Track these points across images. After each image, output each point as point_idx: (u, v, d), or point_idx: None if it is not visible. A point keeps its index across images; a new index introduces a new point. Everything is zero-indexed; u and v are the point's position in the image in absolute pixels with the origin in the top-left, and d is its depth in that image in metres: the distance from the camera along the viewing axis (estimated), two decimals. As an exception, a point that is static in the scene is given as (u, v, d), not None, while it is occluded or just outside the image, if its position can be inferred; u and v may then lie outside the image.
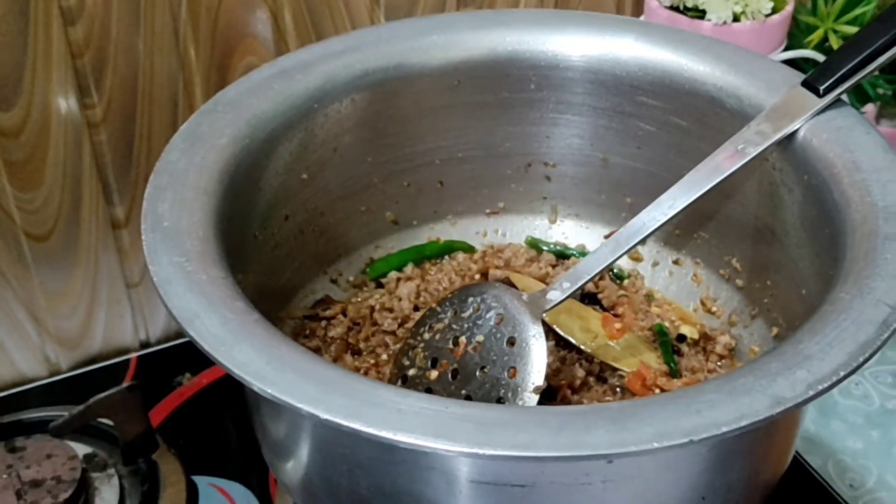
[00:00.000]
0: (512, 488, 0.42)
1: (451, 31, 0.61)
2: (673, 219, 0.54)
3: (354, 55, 0.59)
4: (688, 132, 0.59)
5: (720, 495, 0.46)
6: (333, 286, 0.63)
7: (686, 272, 0.64)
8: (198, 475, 0.65)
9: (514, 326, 0.53)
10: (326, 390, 0.40)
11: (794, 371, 0.40)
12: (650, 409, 0.39)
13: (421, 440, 0.37)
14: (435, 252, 0.66)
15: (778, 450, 0.49)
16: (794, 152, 0.54)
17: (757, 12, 0.76)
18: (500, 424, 0.39)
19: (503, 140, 0.64)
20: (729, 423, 0.38)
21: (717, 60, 0.58)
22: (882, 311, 0.42)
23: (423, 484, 0.43)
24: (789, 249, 0.55)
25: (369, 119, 0.60)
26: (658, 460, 0.43)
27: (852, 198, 0.48)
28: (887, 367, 0.84)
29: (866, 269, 0.44)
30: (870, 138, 0.51)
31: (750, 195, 0.57)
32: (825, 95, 0.53)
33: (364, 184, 0.62)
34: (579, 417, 0.39)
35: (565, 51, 0.61)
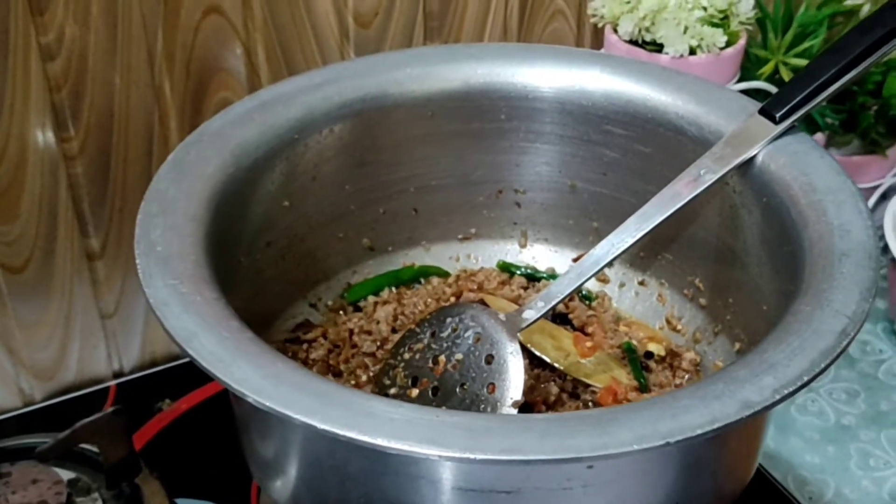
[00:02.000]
0: (497, 494, 0.45)
1: (426, 64, 0.64)
2: (638, 241, 0.57)
3: (333, 87, 0.61)
4: (651, 159, 0.62)
5: (693, 501, 0.49)
6: (313, 310, 0.65)
7: (651, 292, 0.67)
8: (180, 498, 0.66)
9: (492, 344, 0.56)
10: (322, 402, 0.42)
11: (761, 377, 0.42)
12: (629, 415, 0.42)
13: (415, 447, 0.40)
14: (410, 277, 0.68)
15: (745, 458, 0.52)
16: (752, 176, 0.57)
17: (711, 45, 0.80)
18: (488, 431, 0.41)
19: (475, 168, 0.66)
20: (703, 426, 0.40)
21: (679, 90, 0.61)
22: (840, 321, 0.45)
23: (411, 493, 0.45)
24: (750, 268, 0.58)
25: (347, 148, 0.62)
26: (635, 465, 0.45)
27: (809, 217, 0.52)
28: (841, 385, 0.88)
29: (824, 283, 0.47)
30: (824, 162, 0.55)
31: (711, 218, 0.61)
32: (781, 122, 0.57)
33: (342, 211, 0.64)
34: (563, 423, 0.41)
35: (534, 82, 0.64)
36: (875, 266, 0.48)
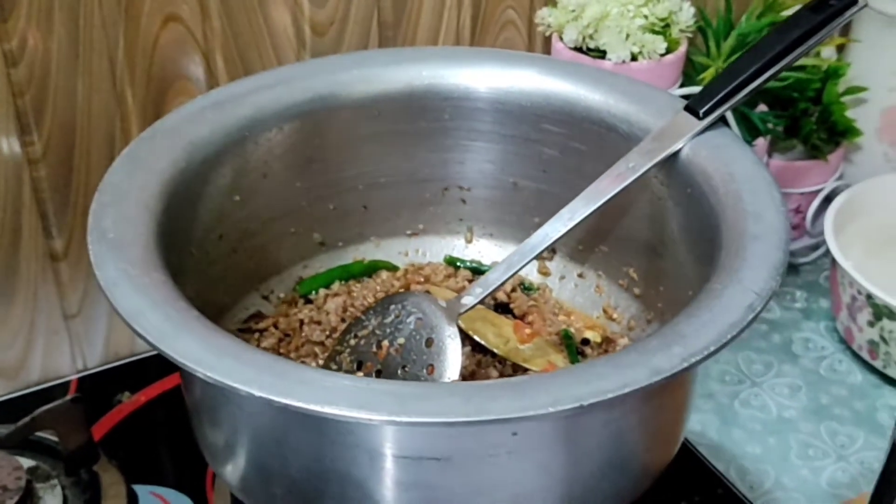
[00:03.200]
0: (429, 462, 0.47)
1: (372, 66, 0.67)
2: (573, 230, 0.60)
3: (282, 88, 0.64)
4: (587, 155, 0.65)
5: (615, 471, 0.51)
6: (265, 302, 0.68)
7: (589, 284, 0.70)
8: (138, 484, 0.68)
9: (432, 329, 0.58)
10: (260, 372, 0.44)
11: (671, 347, 0.45)
12: (547, 382, 0.45)
13: (345, 411, 0.42)
14: (360, 271, 0.71)
15: (666, 433, 0.55)
16: (678, 169, 0.60)
17: (652, 52, 0.83)
18: (416, 396, 0.44)
19: (421, 166, 0.70)
20: (614, 390, 0.43)
21: (611, 90, 0.64)
22: (748, 297, 0.48)
23: (348, 462, 0.48)
24: (677, 257, 0.61)
25: (297, 147, 0.65)
26: (558, 434, 0.48)
27: (727, 204, 0.55)
28: (784, 380, 0.91)
29: (736, 263, 0.51)
30: (743, 154, 0.58)
31: (642, 210, 0.64)
32: (705, 118, 0.60)
33: (292, 207, 0.67)
34: (486, 389, 0.44)
35: (475, 84, 0.67)
36: (784, 248, 0.51)
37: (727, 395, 0.89)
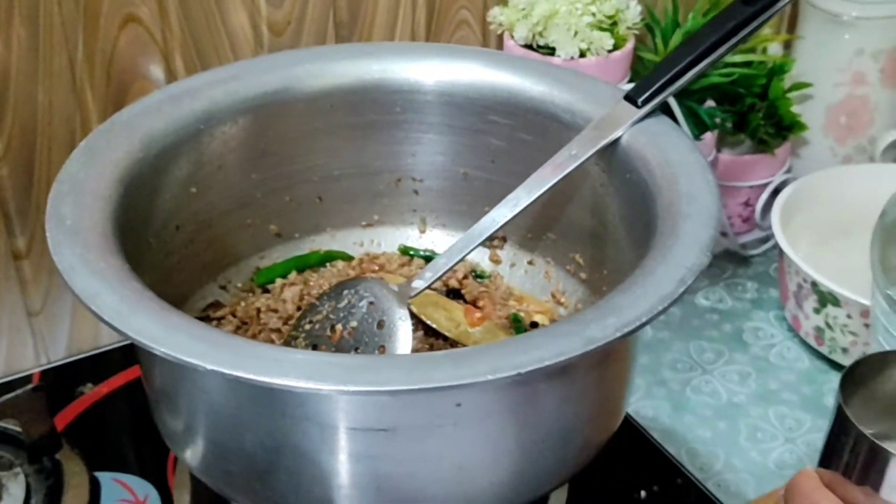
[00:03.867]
0: (376, 433, 0.49)
1: (324, 61, 0.69)
2: (522, 220, 0.63)
3: (237, 82, 0.66)
4: (532, 145, 0.67)
5: (559, 442, 0.54)
6: (223, 292, 0.70)
7: (539, 270, 0.72)
8: (100, 471, 0.70)
9: (384, 311, 0.61)
10: (213, 347, 0.46)
11: (606, 319, 0.48)
12: (487, 352, 0.47)
13: (294, 381, 0.44)
14: (316, 261, 0.73)
15: (607, 405, 0.57)
16: (617, 156, 0.63)
17: (600, 49, 0.86)
18: (362, 368, 0.46)
19: (374, 158, 0.72)
20: (550, 359, 0.45)
21: (555, 82, 0.67)
22: (680, 271, 0.51)
23: (299, 435, 0.50)
24: (618, 241, 0.63)
25: (251, 140, 0.67)
26: (501, 405, 0.51)
27: (662, 187, 0.57)
28: (734, 367, 0.94)
29: (669, 241, 0.53)
30: (680, 140, 0.61)
31: (586, 198, 0.66)
32: (643, 107, 0.63)
33: (249, 199, 0.69)
34: (429, 360, 0.46)
35: (424, 77, 0.69)
36: (715, 225, 0.54)
37: (679, 382, 0.91)
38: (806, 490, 0.49)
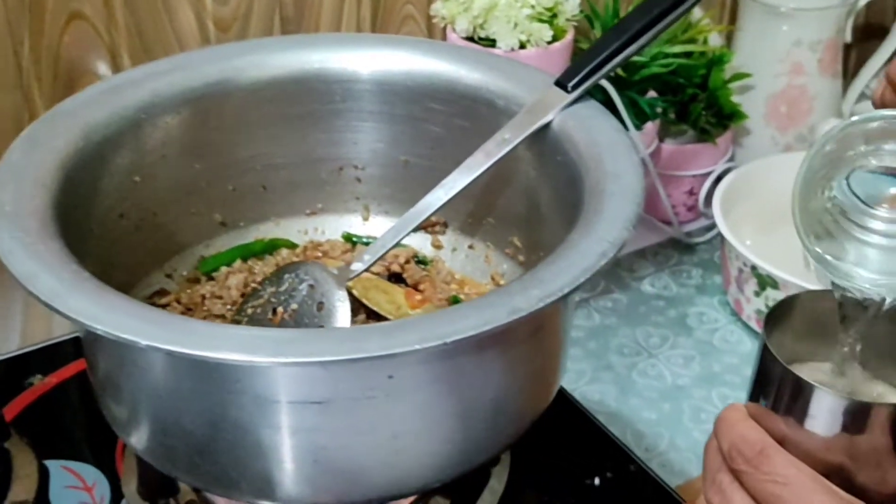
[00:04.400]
0: (311, 406, 0.51)
1: (265, 52, 0.70)
2: (462, 205, 0.64)
3: (179, 73, 0.68)
4: (470, 131, 0.69)
5: (491, 413, 0.55)
6: (168, 280, 0.71)
7: (479, 254, 0.74)
8: (49, 459, 0.71)
9: (323, 293, 0.62)
10: (149, 324, 0.48)
11: (530, 290, 0.50)
12: (415, 324, 0.48)
13: (226, 354, 0.46)
14: (261, 249, 0.74)
15: (539, 378, 0.59)
16: (549, 139, 0.65)
17: (539, 40, 0.88)
18: (293, 340, 0.47)
19: (316, 147, 0.73)
20: (475, 328, 0.47)
21: (490, 69, 0.69)
22: (602, 245, 0.53)
23: (237, 409, 0.51)
24: (552, 222, 0.65)
25: (194, 130, 0.69)
26: (431, 375, 0.52)
27: (590, 167, 0.59)
28: (679, 351, 0.96)
29: (594, 217, 0.55)
30: (607, 123, 0.63)
31: (521, 182, 0.68)
32: (573, 91, 0.65)
33: (192, 188, 0.70)
34: (358, 332, 0.48)
35: (362, 67, 0.71)
36: (639, 202, 0.56)
37: (625, 366, 0.93)
38: (732, 421, 0.51)
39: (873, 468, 0.49)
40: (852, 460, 0.49)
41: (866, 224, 0.48)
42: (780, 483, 0.48)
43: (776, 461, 0.49)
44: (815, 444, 0.49)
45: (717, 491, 0.51)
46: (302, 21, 0.94)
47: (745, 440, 0.50)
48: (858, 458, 0.49)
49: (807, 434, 0.49)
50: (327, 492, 0.54)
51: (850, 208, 0.48)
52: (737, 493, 0.50)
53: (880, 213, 0.48)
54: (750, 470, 0.49)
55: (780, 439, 0.50)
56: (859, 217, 0.48)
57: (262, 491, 0.54)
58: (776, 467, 0.48)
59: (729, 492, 0.50)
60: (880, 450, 0.49)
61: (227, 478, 0.55)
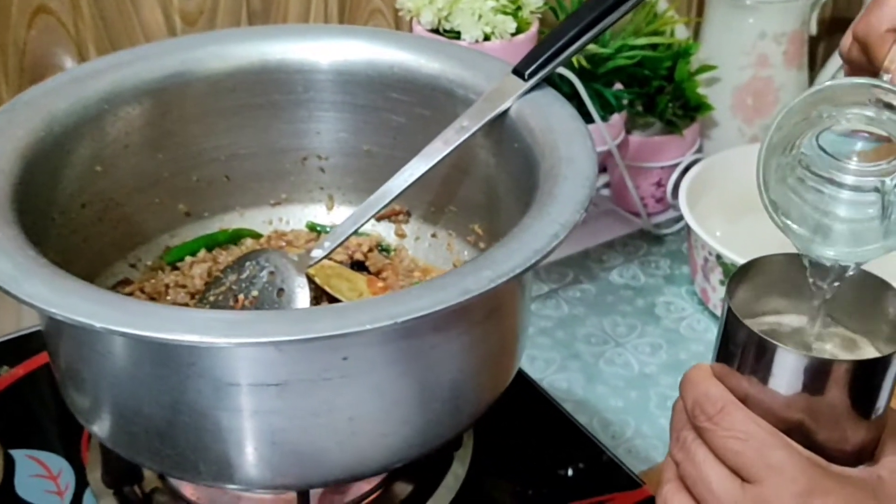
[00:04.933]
0: (267, 388, 0.52)
1: (227, 43, 0.71)
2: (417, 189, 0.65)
3: (141, 64, 0.68)
4: (431, 120, 0.70)
5: (447, 394, 0.56)
6: (133, 270, 0.71)
7: (442, 243, 0.75)
8: (15, 449, 0.71)
9: (283, 280, 0.63)
10: (103, 307, 0.48)
11: (481, 271, 0.50)
12: (368, 305, 0.49)
13: (178, 336, 0.46)
14: (226, 239, 0.75)
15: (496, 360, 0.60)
16: (506, 127, 0.65)
17: (504, 32, 0.89)
18: (245, 322, 0.48)
19: (279, 137, 0.74)
20: (426, 308, 0.48)
21: (449, 58, 0.69)
22: (554, 227, 0.53)
23: (194, 392, 0.52)
24: (511, 209, 0.66)
25: (156, 120, 0.69)
26: (386, 357, 0.53)
27: (545, 153, 0.60)
28: (646, 340, 0.97)
29: (547, 200, 0.56)
30: (563, 110, 0.64)
31: (480, 169, 0.69)
32: (529, 79, 0.66)
33: (156, 178, 0.71)
34: (311, 313, 0.49)
35: (324, 57, 0.71)
36: (591, 186, 0.57)
37: (593, 355, 0.94)
38: (696, 379, 0.52)
39: (833, 426, 0.50)
40: (812, 418, 0.50)
41: (835, 177, 0.49)
42: (741, 439, 0.49)
43: (736, 418, 0.50)
44: (776, 402, 0.50)
45: (680, 448, 0.52)
46: (269, 15, 0.95)
47: (708, 397, 0.51)
48: (818, 416, 0.50)
49: (768, 392, 0.50)
50: (286, 474, 0.55)
51: (819, 163, 0.49)
52: (699, 449, 0.51)
53: (850, 166, 0.48)
54: (711, 426, 0.50)
55: (742, 397, 0.51)
56: (828, 171, 0.48)
57: (222, 474, 0.55)
58: (736, 424, 0.50)
59: (692, 448, 0.51)
60: (839, 407, 0.50)
61: (187, 461, 0.55)
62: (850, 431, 0.51)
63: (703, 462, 0.51)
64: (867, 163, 0.48)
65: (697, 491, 0.51)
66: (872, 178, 0.48)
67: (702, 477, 0.50)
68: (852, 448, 0.51)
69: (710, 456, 0.51)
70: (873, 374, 0.50)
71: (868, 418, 0.51)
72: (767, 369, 0.50)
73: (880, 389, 0.50)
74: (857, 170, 0.48)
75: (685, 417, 0.53)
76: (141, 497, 0.67)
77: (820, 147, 0.49)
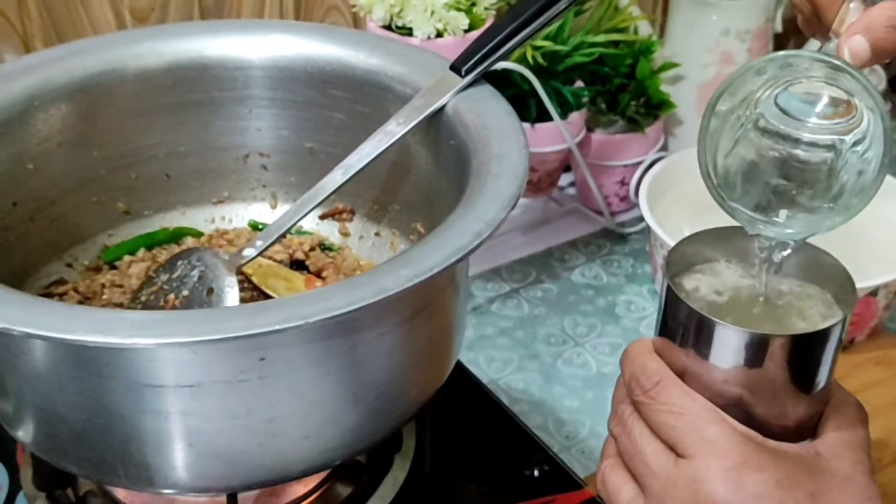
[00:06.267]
0: (182, 389, 0.50)
1: (164, 39, 0.70)
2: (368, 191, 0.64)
3: (74, 60, 0.67)
4: (371, 117, 0.69)
5: (371, 393, 0.55)
6: (69, 270, 0.70)
7: (385, 241, 0.74)
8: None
9: (213, 279, 0.62)
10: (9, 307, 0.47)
11: (400, 270, 0.49)
12: (281, 304, 0.48)
13: (81, 336, 0.45)
14: (166, 238, 0.74)
15: (425, 360, 0.59)
16: (443, 123, 0.64)
17: (456, 28, 0.88)
18: (153, 322, 0.47)
19: (220, 134, 0.73)
20: (340, 308, 0.47)
21: (388, 54, 0.68)
22: (478, 225, 0.52)
23: (108, 394, 0.51)
24: (450, 208, 0.65)
25: (90, 117, 0.68)
26: (307, 357, 0.52)
27: (477, 150, 0.59)
28: (606, 339, 0.96)
29: (474, 197, 0.55)
30: (499, 106, 0.63)
31: (420, 166, 0.68)
32: (466, 76, 0.65)
33: (92, 176, 0.70)
34: (221, 312, 0.48)
35: (263, 52, 0.70)
36: (520, 183, 0.56)
37: (551, 355, 0.93)
38: (634, 353, 0.52)
39: (771, 401, 0.50)
40: (751, 393, 0.49)
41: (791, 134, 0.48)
42: (676, 413, 0.49)
43: (672, 391, 0.49)
44: (715, 377, 0.50)
45: (618, 422, 0.52)
46: (222, 11, 0.94)
47: (644, 371, 0.51)
48: (757, 391, 0.49)
49: (707, 367, 0.50)
50: (206, 477, 0.54)
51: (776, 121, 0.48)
52: (636, 423, 0.51)
53: (808, 123, 0.48)
54: (647, 401, 0.50)
55: (681, 372, 0.50)
56: (786, 127, 0.48)
57: (141, 477, 0.54)
58: (672, 398, 0.49)
59: (629, 422, 0.51)
60: (778, 382, 0.49)
61: (108, 465, 0.54)
62: (789, 407, 0.50)
63: (639, 436, 0.50)
64: (825, 120, 0.48)
65: (633, 465, 0.50)
66: (829, 136, 0.48)
67: (637, 451, 0.50)
68: (793, 423, 0.50)
69: (647, 430, 0.50)
70: (812, 349, 0.49)
71: (808, 393, 0.50)
72: (706, 344, 0.49)
73: (819, 364, 0.50)
74: (814, 126, 0.48)
75: (624, 392, 0.52)
76: (74, 500, 0.66)
77: (778, 107, 0.49)
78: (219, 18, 0.93)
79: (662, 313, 0.52)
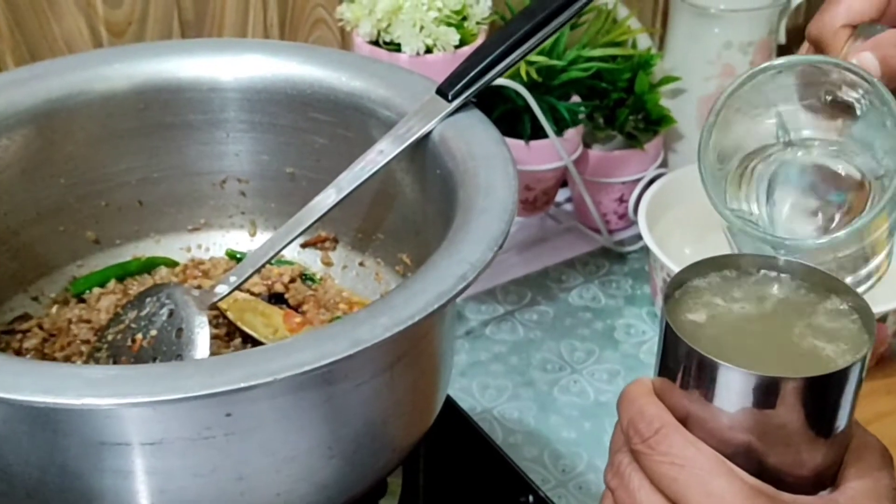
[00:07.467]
0: (143, 447, 0.47)
1: (135, 60, 0.66)
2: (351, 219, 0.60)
3: (38, 83, 0.63)
4: (355, 143, 0.65)
5: (347, 446, 0.51)
6: (35, 303, 0.67)
7: (370, 272, 0.70)
8: None
9: (183, 319, 0.58)
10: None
11: (377, 318, 0.46)
12: (245, 357, 0.44)
13: (27, 396, 0.42)
14: (138, 268, 0.70)
15: (409, 406, 0.55)
16: (429, 151, 0.61)
17: (447, 44, 0.84)
18: (108, 379, 0.43)
19: (196, 159, 0.69)
20: (311, 363, 0.43)
21: (371, 76, 0.65)
22: (462, 267, 0.49)
23: (63, 452, 0.47)
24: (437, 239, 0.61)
25: (57, 142, 0.64)
26: (275, 413, 0.48)
27: (464, 180, 0.56)
28: (604, 366, 0.93)
29: (459, 235, 0.51)
30: (487, 134, 0.59)
31: (406, 194, 0.64)
32: (454, 100, 0.61)
33: (59, 205, 0.66)
34: (182, 368, 0.44)
35: (241, 73, 0.67)
36: (507, 219, 0.52)
37: (547, 382, 0.90)
38: (633, 396, 0.47)
39: (785, 448, 0.45)
40: (762, 440, 0.45)
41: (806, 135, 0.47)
42: (678, 465, 0.44)
43: (673, 440, 0.45)
44: (721, 422, 0.45)
45: (615, 473, 0.47)
46: (203, 25, 0.90)
47: (643, 417, 0.46)
48: (768, 437, 0.44)
49: (712, 411, 0.45)
50: (171, 538, 0.50)
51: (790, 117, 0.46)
52: (635, 475, 0.46)
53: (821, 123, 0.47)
54: (647, 451, 0.45)
55: (683, 417, 0.46)
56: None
57: (101, 537, 0.50)
58: (673, 448, 0.44)
59: (627, 474, 0.46)
60: (790, 427, 0.44)
61: (65, 525, 0.50)
62: (805, 453, 0.45)
63: (637, 490, 0.45)
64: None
65: None
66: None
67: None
68: (809, 472, 0.46)
69: (646, 483, 0.45)
70: (829, 390, 0.44)
71: (826, 438, 0.45)
72: (710, 388, 0.44)
73: (839, 406, 0.45)
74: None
75: (622, 439, 0.47)
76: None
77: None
78: (200, 32, 0.90)
79: (661, 351, 0.48)
